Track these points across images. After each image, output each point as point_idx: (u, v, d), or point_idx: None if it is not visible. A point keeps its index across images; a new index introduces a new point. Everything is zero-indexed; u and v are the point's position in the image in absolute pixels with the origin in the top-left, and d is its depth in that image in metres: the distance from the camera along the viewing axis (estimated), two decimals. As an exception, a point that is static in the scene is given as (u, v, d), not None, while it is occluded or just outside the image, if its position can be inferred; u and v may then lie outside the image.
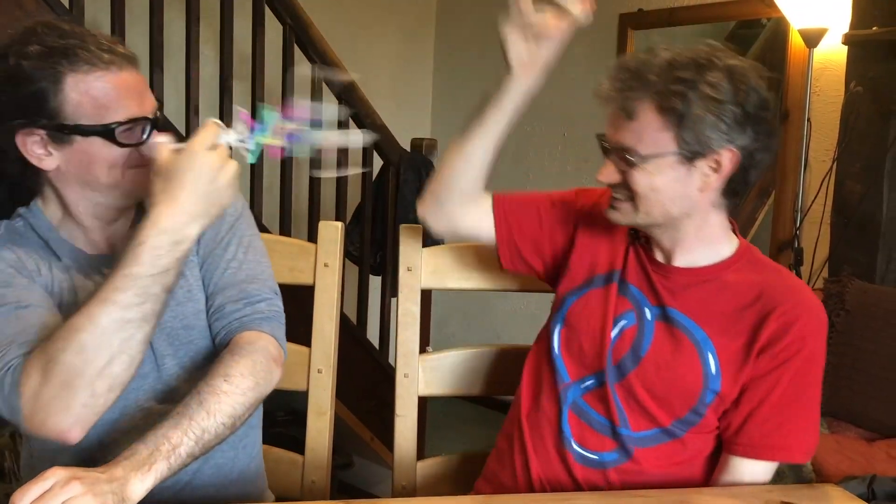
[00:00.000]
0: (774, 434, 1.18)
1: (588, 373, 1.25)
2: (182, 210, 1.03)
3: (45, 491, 0.91)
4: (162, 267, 1.02)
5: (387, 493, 1.16)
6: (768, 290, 1.19)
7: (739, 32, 3.37)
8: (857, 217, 2.37)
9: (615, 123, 1.17)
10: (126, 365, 1.02)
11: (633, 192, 1.17)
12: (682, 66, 1.12)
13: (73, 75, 1.08)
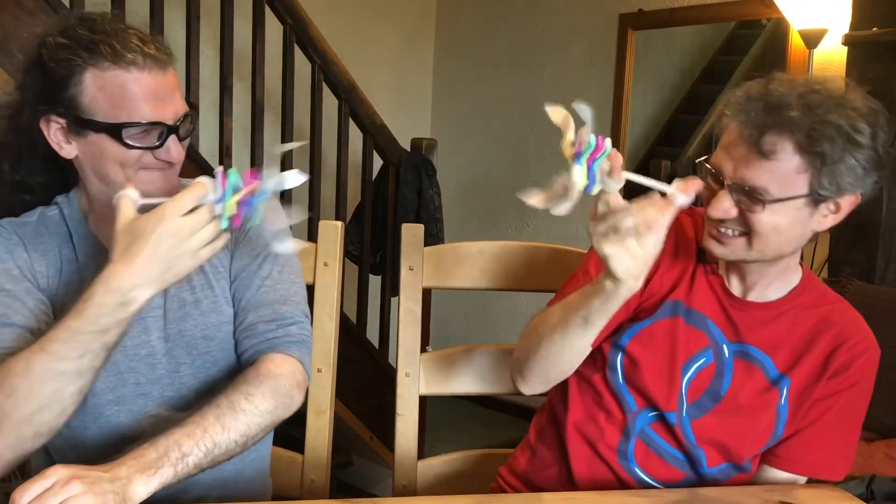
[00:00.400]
0: (814, 452, 1.21)
1: (658, 408, 1.23)
2: (135, 273, 1.00)
3: (46, 489, 0.91)
4: (103, 325, 1.00)
5: (385, 493, 1.16)
6: (837, 321, 1.21)
7: (739, 33, 3.37)
8: (857, 218, 2.37)
9: (743, 159, 1.08)
10: (56, 414, 1.01)
11: (751, 229, 1.11)
12: (820, 104, 1.06)
13: (92, 70, 1.07)
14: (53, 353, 0.99)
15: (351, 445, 3.04)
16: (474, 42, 3.93)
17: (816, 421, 1.20)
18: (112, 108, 1.08)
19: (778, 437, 1.21)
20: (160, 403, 1.17)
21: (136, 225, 1.01)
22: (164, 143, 1.11)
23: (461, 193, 3.94)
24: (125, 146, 1.09)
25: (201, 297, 1.20)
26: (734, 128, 1.09)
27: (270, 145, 2.89)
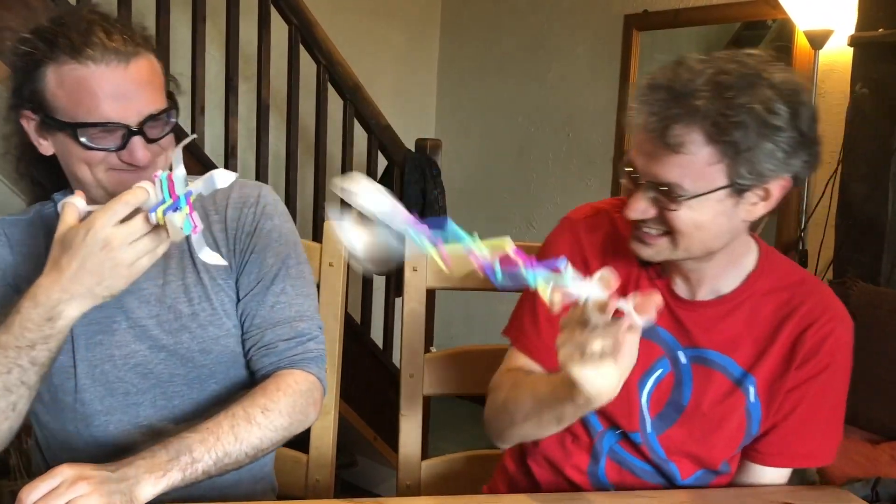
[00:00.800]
0: (797, 443, 1.16)
1: (622, 428, 1.19)
2: (61, 287, 0.95)
3: (52, 489, 0.91)
4: (29, 340, 0.96)
5: (389, 493, 1.16)
6: (800, 303, 1.14)
7: (745, 34, 3.36)
8: (862, 219, 2.37)
9: (653, 155, 1.00)
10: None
11: (672, 228, 1.04)
12: (731, 85, 0.97)
13: (52, 64, 1.03)
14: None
15: (355, 445, 3.04)
16: (479, 43, 3.93)
17: (793, 412, 1.13)
18: (71, 106, 1.03)
19: (753, 435, 1.16)
20: (151, 414, 1.15)
21: (68, 235, 0.96)
22: (125, 145, 1.04)
23: (465, 194, 3.94)
24: (83, 147, 1.04)
25: (198, 309, 1.17)
26: (640, 120, 1.01)
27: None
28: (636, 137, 1.03)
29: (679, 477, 1.18)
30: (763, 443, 1.17)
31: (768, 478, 1.19)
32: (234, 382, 1.20)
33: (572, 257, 1.16)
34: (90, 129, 1.03)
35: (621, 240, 1.16)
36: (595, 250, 1.18)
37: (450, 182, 3.09)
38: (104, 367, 1.11)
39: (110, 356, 1.11)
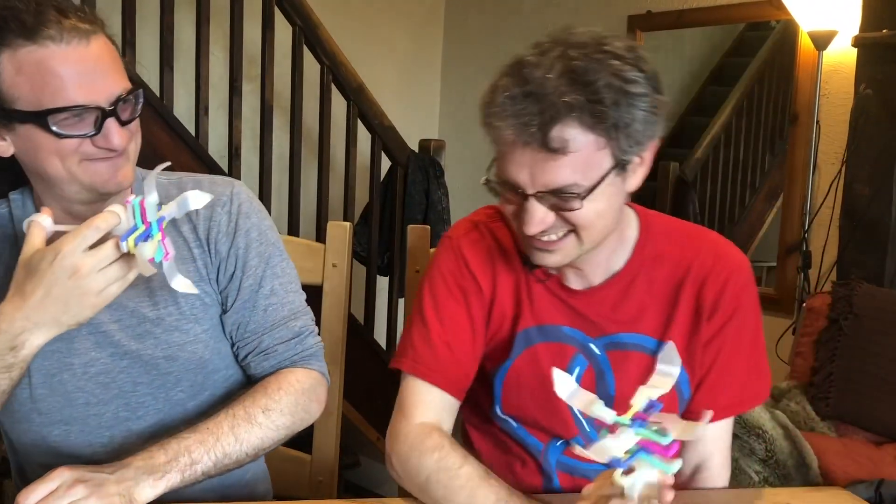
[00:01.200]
0: (725, 392, 1.15)
1: (562, 437, 1.17)
2: (25, 315, 0.90)
3: (50, 492, 0.90)
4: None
5: (392, 493, 1.16)
6: (691, 259, 1.13)
7: (748, 34, 3.36)
8: (866, 220, 2.37)
9: (538, 164, 0.97)
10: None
11: (575, 225, 1.02)
12: (585, 69, 0.95)
13: (6, 51, 0.94)
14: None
15: (358, 446, 3.04)
16: (483, 43, 3.93)
17: (713, 363, 1.13)
18: (34, 92, 0.94)
19: (687, 399, 1.15)
20: (113, 424, 1.10)
21: (34, 259, 0.90)
22: (100, 129, 0.97)
23: (469, 194, 3.94)
24: (55, 136, 0.95)
25: (164, 314, 1.10)
26: (511, 134, 0.97)
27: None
28: (509, 152, 0.99)
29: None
30: (694, 402, 1.15)
31: (710, 434, 1.16)
32: (202, 391, 1.15)
33: (459, 275, 1.16)
34: (60, 115, 0.95)
35: (504, 250, 1.16)
36: (480, 265, 1.16)
37: (453, 183, 3.10)
38: (62, 376, 1.06)
39: (69, 365, 1.06)
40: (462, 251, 1.17)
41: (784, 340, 2.57)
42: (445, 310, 1.15)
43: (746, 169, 3.34)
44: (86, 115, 0.96)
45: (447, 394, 1.13)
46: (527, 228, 1.01)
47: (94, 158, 0.99)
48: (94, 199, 1.02)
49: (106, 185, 1.00)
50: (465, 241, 1.18)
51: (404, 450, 1.09)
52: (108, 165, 1.00)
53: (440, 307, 1.15)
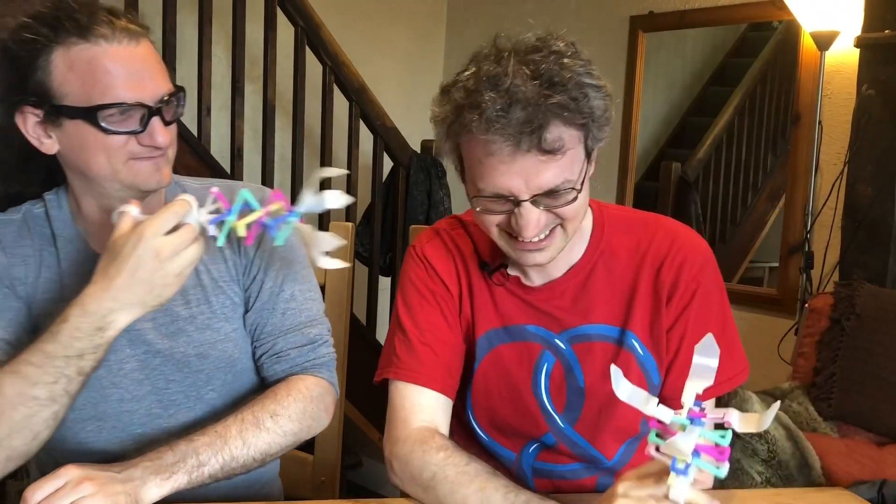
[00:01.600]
0: None
1: (532, 438, 1.18)
2: (112, 296, 0.94)
3: (57, 489, 0.91)
4: (77, 350, 0.94)
5: (394, 494, 1.16)
6: (647, 246, 1.15)
7: (750, 35, 3.36)
8: (869, 221, 2.36)
9: (533, 169, 0.99)
10: (27, 440, 0.96)
11: (564, 219, 1.04)
12: (549, 70, 0.98)
13: (59, 48, 0.98)
14: (27, 377, 0.94)
15: (360, 446, 3.04)
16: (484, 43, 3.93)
17: (681, 347, 1.13)
18: (84, 89, 0.98)
19: (658, 386, 1.15)
20: (146, 422, 1.12)
21: (117, 244, 0.94)
22: (146, 126, 1.01)
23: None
24: (103, 132, 0.99)
25: (196, 312, 1.13)
26: (507, 145, 0.97)
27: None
28: (498, 164, 0.99)
29: (605, 460, 1.18)
30: (666, 388, 1.15)
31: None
32: (232, 391, 1.17)
33: (429, 280, 1.18)
34: (108, 112, 0.99)
35: (463, 256, 1.19)
36: (446, 270, 1.19)
37: (455, 183, 3.10)
38: (98, 371, 1.06)
39: (104, 361, 1.06)
40: (428, 258, 1.20)
41: (786, 341, 2.57)
42: (420, 315, 1.17)
43: (748, 169, 3.34)
44: (132, 112, 1.00)
45: (437, 393, 1.14)
46: (524, 233, 1.02)
47: (138, 157, 1.03)
48: (133, 197, 1.04)
49: (147, 184, 1.04)
50: (428, 248, 1.21)
51: (405, 451, 1.09)
52: (150, 165, 1.04)
53: (415, 313, 1.17)
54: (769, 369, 2.56)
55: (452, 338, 1.17)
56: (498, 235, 1.07)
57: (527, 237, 1.03)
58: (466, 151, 1.04)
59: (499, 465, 1.17)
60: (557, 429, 1.17)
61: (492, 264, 1.17)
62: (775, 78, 3.25)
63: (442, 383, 1.14)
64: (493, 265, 1.17)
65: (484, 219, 1.06)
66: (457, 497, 1.01)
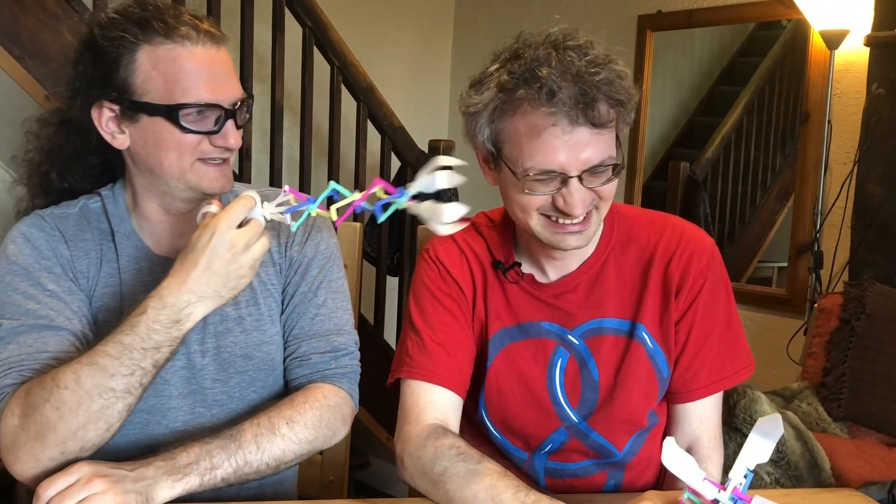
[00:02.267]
0: (704, 369, 1.17)
1: (545, 437, 1.19)
2: (190, 288, 0.97)
3: (69, 486, 0.92)
4: (155, 343, 0.97)
5: (402, 494, 1.16)
6: (657, 242, 1.18)
7: (759, 34, 3.35)
8: (878, 220, 2.35)
9: (585, 143, 1.03)
10: (102, 431, 0.98)
11: (602, 199, 1.08)
12: (588, 54, 1.04)
13: (145, 47, 1.02)
14: (104, 369, 0.96)
15: (368, 446, 3.05)
16: (492, 44, 3.92)
17: (688, 340, 1.16)
18: (166, 87, 1.02)
19: (667, 379, 1.18)
20: (189, 420, 1.14)
21: (191, 239, 0.98)
22: (221, 127, 1.05)
23: (478, 195, 3.94)
24: (181, 129, 1.03)
25: (245, 313, 1.16)
26: (557, 118, 1.01)
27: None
28: (550, 139, 1.02)
29: (617, 451, 1.19)
30: (674, 382, 1.18)
31: (695, 414, 1.19)
32: (272, 394, 1.19)
33: (441, 282, 1.19)
34: (187, 110, 1.03)
35: (478, 258, 1.21)
36: (459, 271, 1.21)
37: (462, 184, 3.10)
38: None
39: None
40: (441, 260, 1.21)
41: (795, 341, 2.56)
42: (433, 315, 1.18)
43: (757, 169, 3.33)
44: (209, 113, 1.04)
45: (449, 391, 1.15)
46: (574, 211, 1.05)
47: (206, 160, 1.06)
48: (194, 198, 1.09)
49: (211, 188, 1.07)
50: (441, 250, 1.22)
51: (416, 447, 1.10)
52: (216, 170, 1.08)
53: (427, 314, 1.19)
54: (778, 369, 2.55)
55: (464, 338, 1.18)
56: (536, 220, 1.09)
57: (575, 215, 1.05)
58: (513, 133, 1.06)
59: (510, 465, 1.18)
60: (571, 423, 1.18)
61: (505, 263, 1.19)
62: (784, 77, 3.24)
63: (454, 382, 1.15)
64: (506, 264, 1.18)
65: (527, 201, 1.07)
66: (467, 493, 1.02)
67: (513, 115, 1.05)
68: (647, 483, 1.22)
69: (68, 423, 0.96)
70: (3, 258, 1.09)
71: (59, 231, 1.11)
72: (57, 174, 1.14)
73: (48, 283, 1.07)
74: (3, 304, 1.06)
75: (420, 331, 1.17)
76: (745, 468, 0.88)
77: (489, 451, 1.18)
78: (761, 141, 3.33)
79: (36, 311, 1.05)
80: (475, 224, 1.25)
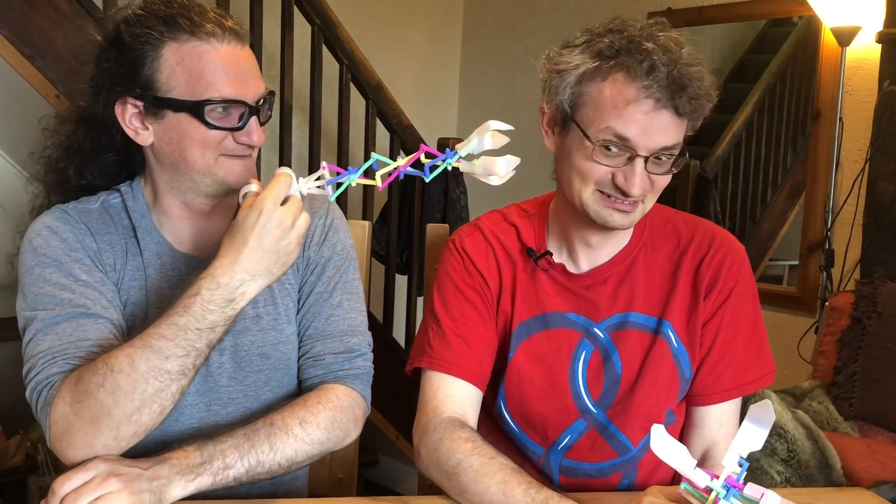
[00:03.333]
0: (727, 373, 1.17)
1: (562, 431, 1.19)
2: (242, 267, 0.98)
3: (84, 483, 0.92)
4: (210, 323, 0.98)
5: (411, 492, 1.17)
6: (688, 242, 1.19)
7: (770, 31, 3.33)
8: (890, 218, 2.34)
9: (661, 126, 1.05)
10: (156, 414, 0.98)
11: (654, 189, 1.10)
12: (684, 44, 1.07)
13: (171, 43, 1.03)
14: (159, 351, 0.96)
15: (377, 444, 3.05)
16: (501, 41, 3.92)
17: (714, 343, 1.16)
18: (191, 83, 1.03)
19: (689, 379, 1.18)
20: (206, 416, 1.14)
21: (239, 219, 0.99)
22: (245, 124, 1.06)
23: (488, 193, 3.93)
24: (206, 125, 1.04)
25: (263, 312, 1.16)
26: (648, 94, 1.03)
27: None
28: (637, 113, 1.04)
29: (632, 446, 1.19)
30: (696, 384, 1.18)
31: (715, 418, 1.19)
32: (287, 394, 1.19)
33: (465, 273, 1.20)
34: (212, 106, 1.04)
35: (505, 249, 1.21)
36: (484, 263, 1.21)
37: (472, 181, 3.09)
38: None
39: None
40: (466, 251, 1.21)
41: (806, 339, 2.54)
42: (455, 307, 1.18)
43: (768, 166, 3.31)
44: (233, 110, 1.05)
45: (469, 384, 1.15)
46: (632, 190, 1.06)
47: (230, 155, 1.07)
48: (218, 193, 1.10)
49: (238, 182, 1.07)
50: (467, 241, 1.23)
51: (434, 439, 1.11)
52: (241, 164, 1.08)
53: (450, 305, 1.19)
54: (789, 368, 2.54)
55: (485, 331, 1.19)
56: (591, 191, 1.09)
57: (633, 194, 1.06)
58: (598, 97, 1.07)
59: (526, 461, 1.19)
60: (590, 416, 1.18)
61: (538, 251, 1.19)
62: (795, 74, 3.22)
63: (473, 375, 1.16)
64: (538, 252, 1.19)
65: (589, 168, 1.08)
66: (479, 486, 1.03)
67: (602, 81, 1.06)
68: (660, 482, 1.22)
69: (123, 408, 0.95)
70: (29, 251, 1.09)
71: (84, 224, 1.12)
72: (74, 171, 1.15)
73: (80, 274, 1.07)
74: (35, 297, 1.06)
75: (441, 321, 1.18)
76: (737, 455, 0.87)
77: (505, 446, 1.19)
78: (772, 138, 3.31)
79: (72, 300, 1.05)
80: (505, 214, 1.26)
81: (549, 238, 1.21)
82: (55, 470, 2.24)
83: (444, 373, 1.15)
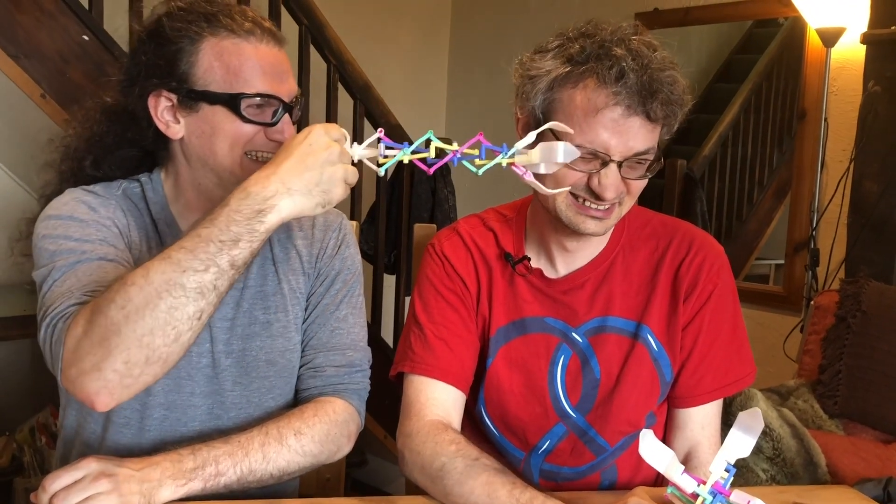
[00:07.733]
0: (708, 376, 1.17)
1: (542, 435, 1.20)
2: (280, 178, 0.90)
3: (75, 481, 0.92)
4: (233, 234, 0.89)
5: (399, 491, 1.17)
6: (667, 245, 1.18)
7: (756, 32, 3.35)
8: (874, 217, 2.36)
9: (633, 133, 1.04)
10: (170, 340, 0.89)
11: (630, 194, 1.09)
12: (657, 47, 1.07)
13: (210, 39, 1.05)
14: (177, 263, 0.89)
15: (365, 444, 3.04)
16: (489, 41, 3.92)
17: (695, 346, 1.16)
18: (228, 78, 1.05)
19: (669, 382, 1.18)
20: (207, 420, 1.14)
21: (287, 140, 0.95)
22: (278, 120, 1.07)
23: (475, 193, 3.94)
24: (241, 118, 1.05)
25: (273, 318, 1.16)
26: (618, 101, 1.02)
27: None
28: (608, 120, 1.03)
29: (609, 446, 1.19)
30: (678, 387, 1.18)
31: (697, 420, 1.19)
32: (288, 402, 1.19)
33: (446, 277, 1.20)
34: (248, 101, 1.05)
35: (483, 254, 1.21)
36: (464, 267, 1.21)
37: (459, 181, 3.10)
38: (180, 360, 1.04)
39: (188, 352, 1.02)
40: (446, 255, 1.21)
41: (792, 338, 2.56)
42: (436, 311, 1.19)
43: (754, 166, 3.33)
44: (268, 106, 1.06)
45: (451, 387, 1.16)
46: (606, 194, 1.05)
47: (255, 159, 1.06)
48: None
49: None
50: (447, 245, 1.23)
51: (417, 443, 1.11)
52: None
53: (431, 309, 1.19)
54: (775, 367, 2.56)
55: (467, 334, 1.19)
56: (563, 197, 1.09)
57: (606, 198, 1.06)
58: (568, 104, 1.05)
59: (507, 464, 1.18)
60: (569, 420, 1.18)
61: (515, 256, 1.19)
62: (781, 75, 3.24)
63: (456, 378, 1.16)
64: (516, 257, 1.19)
65: (562, 174, 1.06)
66: (464, 488, 1.02)
67: (573, 87, 1.05)
68: (643, 481, 1.22)
69: (133, 326, 0.87)
70: (52, 218, 1.06)
71: (115, 201, 1.12)
72: (91, 162, 1.15)
73: (110, 237, 1.06)
74: (53, 253, 1.02)
75: (423, 325, 1.18)
76: (724, 462, 0.88)
77: (487, 449, 1.18)
78: (758, 138, 3.33)
79: (92, 251, 1.02)
80: (483, 218, 1.26)
81: (528, 243, 1.21)
82: (41, 472, 2.23)
83: (426, 376, 1.16)
